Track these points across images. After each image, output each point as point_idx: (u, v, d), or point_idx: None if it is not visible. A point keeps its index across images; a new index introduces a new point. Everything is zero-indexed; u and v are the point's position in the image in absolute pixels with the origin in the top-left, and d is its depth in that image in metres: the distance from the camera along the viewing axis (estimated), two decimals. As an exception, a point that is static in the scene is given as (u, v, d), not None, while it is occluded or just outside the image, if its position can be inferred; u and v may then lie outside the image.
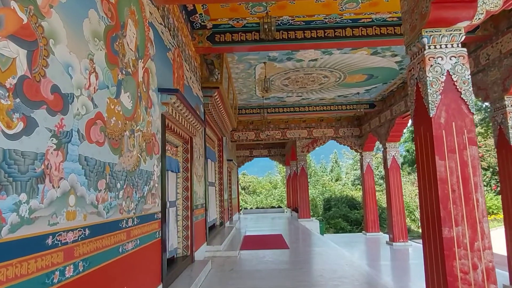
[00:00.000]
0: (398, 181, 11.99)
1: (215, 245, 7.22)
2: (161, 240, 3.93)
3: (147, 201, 3.52)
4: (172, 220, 5.18)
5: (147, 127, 3.63)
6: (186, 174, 5.72)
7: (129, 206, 3.03)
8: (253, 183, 37.73)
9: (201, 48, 6.56)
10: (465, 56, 3.49)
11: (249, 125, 15.01)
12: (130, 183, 3.07)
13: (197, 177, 6.43)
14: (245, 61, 8.08)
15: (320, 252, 7.22)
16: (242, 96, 11.20)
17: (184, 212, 5.63)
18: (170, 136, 4.98)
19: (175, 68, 4.96)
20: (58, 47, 2.03)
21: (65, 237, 2.02)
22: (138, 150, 3.33)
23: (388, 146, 12.14)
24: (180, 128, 5.16)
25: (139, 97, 3.40)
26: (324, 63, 8.38)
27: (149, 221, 3.56)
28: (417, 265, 8.91)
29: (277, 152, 21.28)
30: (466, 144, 3.34)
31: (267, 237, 9.93)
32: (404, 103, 10.56)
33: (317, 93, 11.12)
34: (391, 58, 8.21)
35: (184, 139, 5.62)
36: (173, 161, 5.27)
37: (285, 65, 8.44)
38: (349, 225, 21.25)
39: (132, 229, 3.07)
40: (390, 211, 11.84)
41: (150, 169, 3.67)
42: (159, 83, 4.10)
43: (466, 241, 3.22)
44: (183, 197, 5.66)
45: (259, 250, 7.63)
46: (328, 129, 15.05)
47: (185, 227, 5.59)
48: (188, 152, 5.81)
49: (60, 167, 2.00)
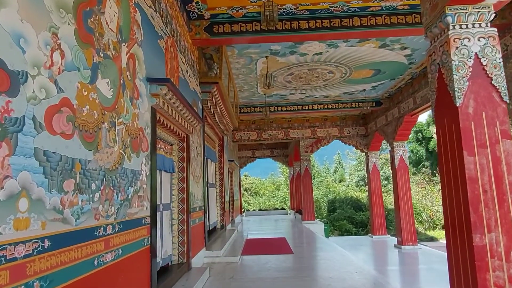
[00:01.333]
0: (406, 181, 11.51)
1: (214, 250, 6.79)
2: (150, 247, 3.50)
3: (132, 204, 3.09)
4: (166, 225, 4.75)
5: (133, 120, 3.21)
6: (182, 174, 5.30)
7: (108, 211, 2.61)
8: (255, 184, 37.28)
9: (198, 40, 6.15)
10: (495, 37, 3.05)
11: (251, 124, 14.58)
12: (109, 183, 2.65)
13: (194, 178, 6.00)
14: (245, 55, 7.65)
15: (326, 258, 6.77)
16: (243, 94, 10.78)
17: (179, 215, 5.20)
18: (163, 132, 4.56)
19: (168, 58, 4.54)
20: (4, 11, 1.61)
21: (12, 252, 1.60)
22: (121, 146, 2.90)
23: (395, 145, 11.68)
24: (174, 124, 4.73)
25: (122, 86, 2.98)
26: (329, 57, 7.94)
27: (135, 227, 3.14)
28: (428, 270, 8.44)
29: (280, 152, 20.83)
30: (499, 138, 2.89)
31: (270, 241, 9.48)
32: (413, 100, 10.10)
33: (322, 90, 10.68)
34: (400, 51, 7.76)
35: (179, 136, 5.20)
36: (167, 160, 4.84)
37: (288, 60, 8.01)
38: (354, 227, 20.72)
39: (112, 237, 2.65)
40: (398, 213, 11.36)
41: (137, 168, 3.25)
42: (149, 73, 3.68)
43: (500, 249, 2.77)
44: (178, 199, 5.23)
45: (261, 255, 7.18)
46: (332, 128, 14.60)
47: (180, 232, 5.16)
48: (184, 150, 5.38)
49: (5, 162, 1.57)
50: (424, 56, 8.09)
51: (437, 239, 17.41)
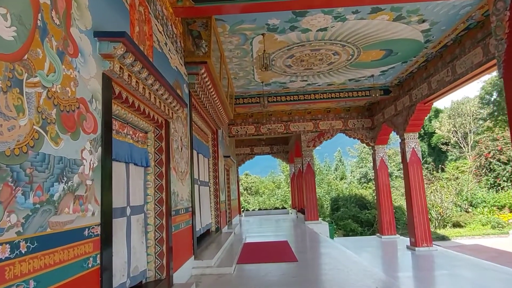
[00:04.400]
0: (419, 176, 10.49)
1: (205, 259, 5.76)
2: (100, 269, 2.47)
3: (61, 209, 2.07)
4: (136, 233, 3.72)
5: (65, 85, 2.18)
6: (159, 169, 4.27)
7: (1, 222, 1.58)
8: (255, 183, 36.29)
9: (180, 9, 5.12)
10: None
11: (248, 118, 13.56)
12: (6, 177, 1.63)
13: (178, 174, 4.98)
14: (239, 32, 6.62)
15: (337, 266, 5.74)
16: (238, 82, 9.74)
17: (157, 220, 4.17)
18: (131, 114, 3.53)
19: (134, 18, 3.52)
20: None
21: None
22: (37, 119, 1.88)
23: (406, 137, 10.66)
24: (145, 105, 3.71)
25: (40, 29, 1.95)
26: (335, 34, 6.91)
27: (68, 243, 2.11)
28: (451, 276, 7.40)
29: (280, 149, 19.79)
30: None
31: (270, 245, 8.46)
32: (427, 85, 9.07)
33: (325, 77, 9.64)
34: (417, 25, 6.73)
35: (156, 122, 4.17)
36: (137, 151, 3.82)
37: (288, 38, 6.98)
38: (360, 227, 19.69)
39: (11, 263, 1.62)
40: (411, 211, 10.34)
41: (72, 155, 2.22)
42: (98, 25, 2.65)
43: None
44: (155, 200, 4.20)
45: (260, 263, 6.16)
46: (336, 121, 13.58)
47: (158, 241, 4.14)
48: (162, 140, 4.35)
49: None
50: (443, 31, 7.07)
51: (449, 238, 16.41)
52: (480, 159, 21.76)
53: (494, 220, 17.53)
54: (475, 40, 6.97)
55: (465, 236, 16.55)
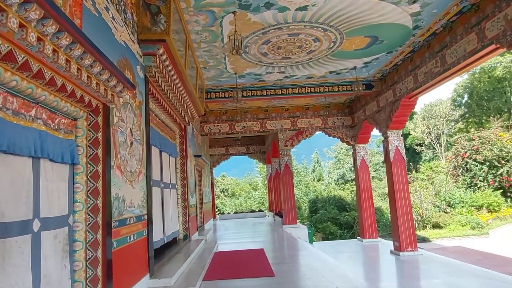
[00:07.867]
0: (403, 176, 9.86)
1: (163, 277, 4.76)
2: None
3: None
4: (53, 256, 2.70)
5: None
6: (92, 167, 3.26)
7: None
8: (231, 185, 35.25)
9: (129, -30, 4.14)
10: None
11: (222, 115, 12.61)
12: None
13: (125, 174, 3.97)
14: (205, 8, 5.67)
15: (321, 283, 4.88)
16: (209, 73, 8.78)
17: (89, 235, 3.17)
18: (39, 90, 2.52)
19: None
20: None
21: None
22: None
23: (390, 134, 10.03)
24: (72, 82, 2.71)
25: None
26: (316, 15, 6.09)
27: None
28: (446, 286, 6.69)
29: (256, 149, 18.89)
30: None
31: (244, 254, 7.53)
32: (412, 78, 8.42)
33: (304, 68, 8.83)
34: (406, 6, 6.00)
35: (88, 105, 3.17)
36: (55, 142, 2.80)
37: (263, 18, 6.10)
38: (339, 229, 19.05)
39: None
40: (395, 213, 9.68)
41: None
42: None
43: None
44: (87, 209, 3.19)
45: (231, 280, 5.23)
46: (315, 118, 12.83)
47: (90, 262, 3.13)
48: (98, 129, 3.34)
49: None
50: (434, 15, 6.39)
51: (429, 239, 16.00)
52: (456, 159, 21.67)
53: (473, 221, 17.31)
54: (468, 25, 6.32)
55: (445, 237, 16.20)
